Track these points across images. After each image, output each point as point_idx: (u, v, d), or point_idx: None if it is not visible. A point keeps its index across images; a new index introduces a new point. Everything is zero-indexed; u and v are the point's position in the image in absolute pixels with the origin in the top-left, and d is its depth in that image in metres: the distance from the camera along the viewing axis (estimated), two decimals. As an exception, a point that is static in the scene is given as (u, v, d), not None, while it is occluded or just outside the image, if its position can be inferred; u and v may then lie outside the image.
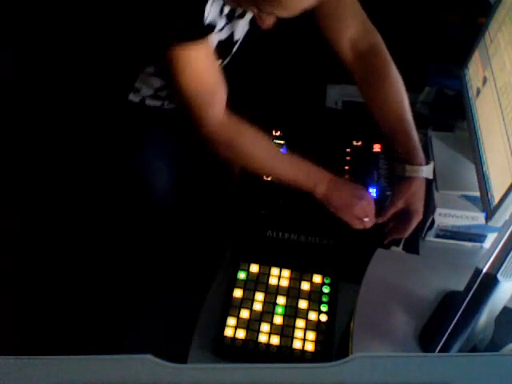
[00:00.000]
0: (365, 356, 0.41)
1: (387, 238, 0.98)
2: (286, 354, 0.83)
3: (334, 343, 0.84)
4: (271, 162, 0.96)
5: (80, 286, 1.25)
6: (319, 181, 0.94)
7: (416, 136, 0.97)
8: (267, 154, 0.96)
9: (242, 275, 0.92)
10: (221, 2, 0.85)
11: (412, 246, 0.99)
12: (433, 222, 0.98)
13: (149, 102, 1.03)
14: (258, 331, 0.85)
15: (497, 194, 0.83)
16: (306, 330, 0.85)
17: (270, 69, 1.30)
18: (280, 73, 1.31)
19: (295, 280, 0.91)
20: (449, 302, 0.75)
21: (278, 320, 0.86)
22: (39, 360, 0.40)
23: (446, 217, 0.97)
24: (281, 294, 0.89)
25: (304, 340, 0.84)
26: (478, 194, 0.91)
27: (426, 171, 0.97)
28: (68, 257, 1.26)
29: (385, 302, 0.76)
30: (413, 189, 0.97)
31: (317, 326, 0.86)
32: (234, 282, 0.91)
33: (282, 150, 1.04)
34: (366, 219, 0.95)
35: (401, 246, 0.99)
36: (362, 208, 0.94)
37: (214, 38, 0.89)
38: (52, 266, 1.26)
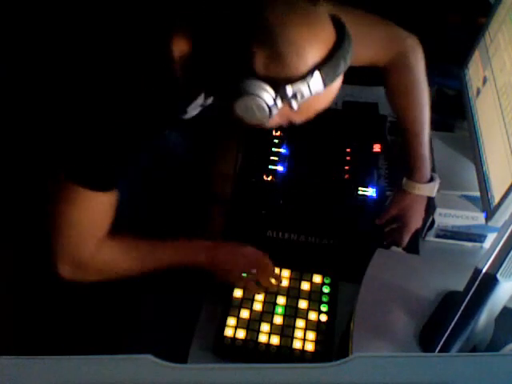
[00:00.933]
0: (365, 356, 0.41)
1: (385, 240, 0.98)
2: (286, 354, 0.83)
3: (334, 343, 0.84)
4: (148, 264, 0.89)
5: (80, 285, 1.25)
6: (197, 253, 0.90)
7: (425, 152, 0.95)
8: (142, 260, 0.89)
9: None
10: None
11: (412, 246, 0.99)
12: (433, 222, 0.98)
13: None
14: (258, 331, 0.85)
15: (497, 193, 0.83)
16: (305, 329, 0.85)
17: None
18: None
19: (295, 280, 0.91)
20: (449, 302, 0.75)
21: (278, 320, 0.86)
22: (39, 360, 0.40)
23: (446, 217, 0.97)
24: (281, 294, 0.89)
25: (304, 340, 0.84)
26: (478, 193, 0.91)
27: (425, 189, 0.96)
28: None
29: (385, 302, 0.76)
30: (407, 202, 0.97)
31: (317, 326, 0.86)
32: (234, 282, 0.91)
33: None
34: (254, 271, 0.90)
35: (401, 246, 0.99)
36: (244, 265, 0.90)
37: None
38: (52, 265, 1.26)
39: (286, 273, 0.92)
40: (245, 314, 0.87)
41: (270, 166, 1.08)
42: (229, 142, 1.19)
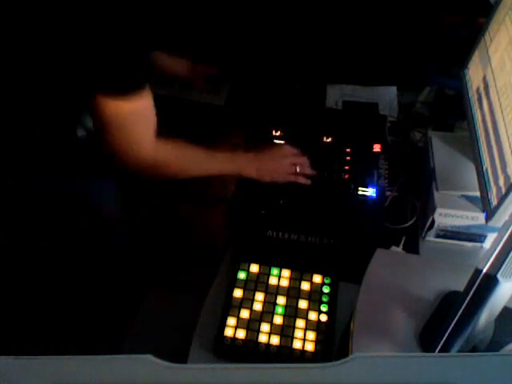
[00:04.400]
0: (365, 356, 0.41)
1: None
2: (285, 354, 0.83)
3: (334, 343, 0.84)
4: (200, 168, 1.01)
5: (80, 285, 1.25)
6: (244, 164, 1.04)
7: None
8: (196, 162, 1.01)
9: (241, 275, 0.92)
10: None
11: (412, 246, 0.99)
12: (433, 221, 0.98)
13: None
14: (258, 331, 0.85)
15: (497, 193, 0.83)
16: (305, 329, 0.85)
17: (271, 69, 1.30)
18: (280, 73, 1.31)
19: (295, 280, 0.91)
20: (449, 301, 0.75)
21: (278, 320, 0.86)
22: (39, 360, 0.40)
23: (446, 217, 0.97)
24: (281, 294, 0.89)
25: (304, 340, 0.84)
26: (478, 193, 0.91)
27: None
28: (68, 256, 1.26)
29: (385, 301, 0.76)
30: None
31: (317, 326, 0.86)
32: (234, 282, 0.91)
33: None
34: (298, 169, 1.05)
35: (401, 246, 0.99)
36: (289, 164, 1.05)
37: None
38: (52, 265, 1.26)
39: (286, 273, 0.92)
40: (245, 314, 0.87)
41: (269, 166, 1.08)
42: (236, 142, 1.20)
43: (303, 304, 0.88)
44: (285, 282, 0.91)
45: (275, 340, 0.84)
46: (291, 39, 1.35)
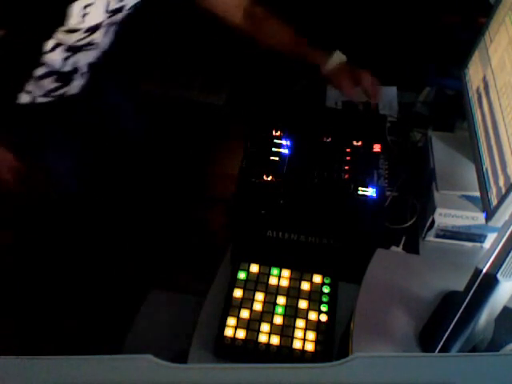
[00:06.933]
0: (365, 356, 0.41)
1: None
2: (285, 354, 0.83)
3: (334, 343, 0.84)
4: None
5: (80, 286, 1.25)
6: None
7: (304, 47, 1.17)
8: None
9: (241, 275, 0.92)
10: None
11: (412, 246, 0.99)
12: (433, 221, 0.98)
13: (41, 100, 1.06)
14: (258, 331, 0.85)
15: (497, 194, 0.83)
16: (305, 329, 0.85)
17: (271, 69, 1.30)
18: (280, 73, 1.31)
19: (295, 280, 0.91)
20: (449, 302, 0.75)
21: (278, 320, 0.86)
22: (39, 360, 0.40)
23: (446, 217, 0.97)
24: (281, 294, 0.89)
25: (304, 340, 0.84)
26: (477, 194, 0.91)
27: (338, 56, 1.15)
28: (68, 257, 1.26)
29: (385, 302, 0.76)
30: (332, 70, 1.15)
31: (317, 326, 0.86)
32: (234, 282, 0.91)
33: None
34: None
35: (401, 246, 0.99)
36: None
37: None
38: (52, 266, 1.26)
39: (286, 273, 0.92)
40: (245, 314, 0.87)
41: (269, 166, 1.08)
42: (236, 142, 1.20)
43: (303, 304, 0.88)
44: (285, 282, 0.91)
45: (275, 340, 0.84)
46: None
